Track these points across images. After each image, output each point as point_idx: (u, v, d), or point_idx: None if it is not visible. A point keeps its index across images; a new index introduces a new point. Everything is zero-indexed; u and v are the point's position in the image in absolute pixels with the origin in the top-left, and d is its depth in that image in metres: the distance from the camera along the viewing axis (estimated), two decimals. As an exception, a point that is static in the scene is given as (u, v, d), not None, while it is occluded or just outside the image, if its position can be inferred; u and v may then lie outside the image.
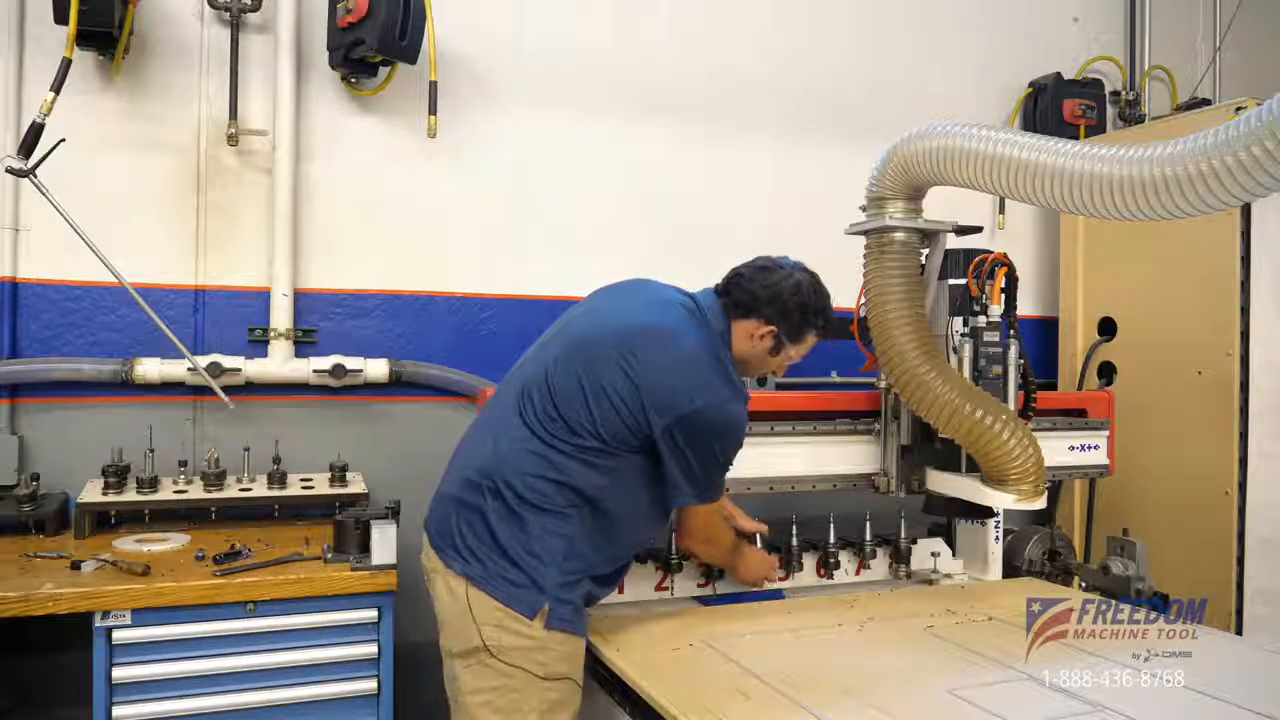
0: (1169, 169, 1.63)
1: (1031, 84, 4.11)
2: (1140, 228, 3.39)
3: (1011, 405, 2.44)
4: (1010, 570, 2.87)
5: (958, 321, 2.53)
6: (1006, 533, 2.89)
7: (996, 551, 2.85)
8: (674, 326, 2.07)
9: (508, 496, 2.00)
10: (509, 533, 1.98)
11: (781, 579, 2.64)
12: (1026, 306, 3.94)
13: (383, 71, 3.14)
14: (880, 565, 2.79)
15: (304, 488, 2.89)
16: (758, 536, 2.57)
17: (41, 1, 2.76)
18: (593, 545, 2.02)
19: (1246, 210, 3.22)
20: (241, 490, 2.82)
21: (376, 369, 3.12)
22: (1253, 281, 3.24)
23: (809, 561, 2.69)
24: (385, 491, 2.87)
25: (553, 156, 3.41)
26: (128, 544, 2.52)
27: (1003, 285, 2.48)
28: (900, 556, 2.77)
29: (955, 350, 2.48)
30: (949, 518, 2.88)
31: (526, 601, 1.95)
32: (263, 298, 3.07)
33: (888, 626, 2.30)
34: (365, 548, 2.40)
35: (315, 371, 3.05)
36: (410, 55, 2.99)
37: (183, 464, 2.87)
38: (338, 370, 3.05)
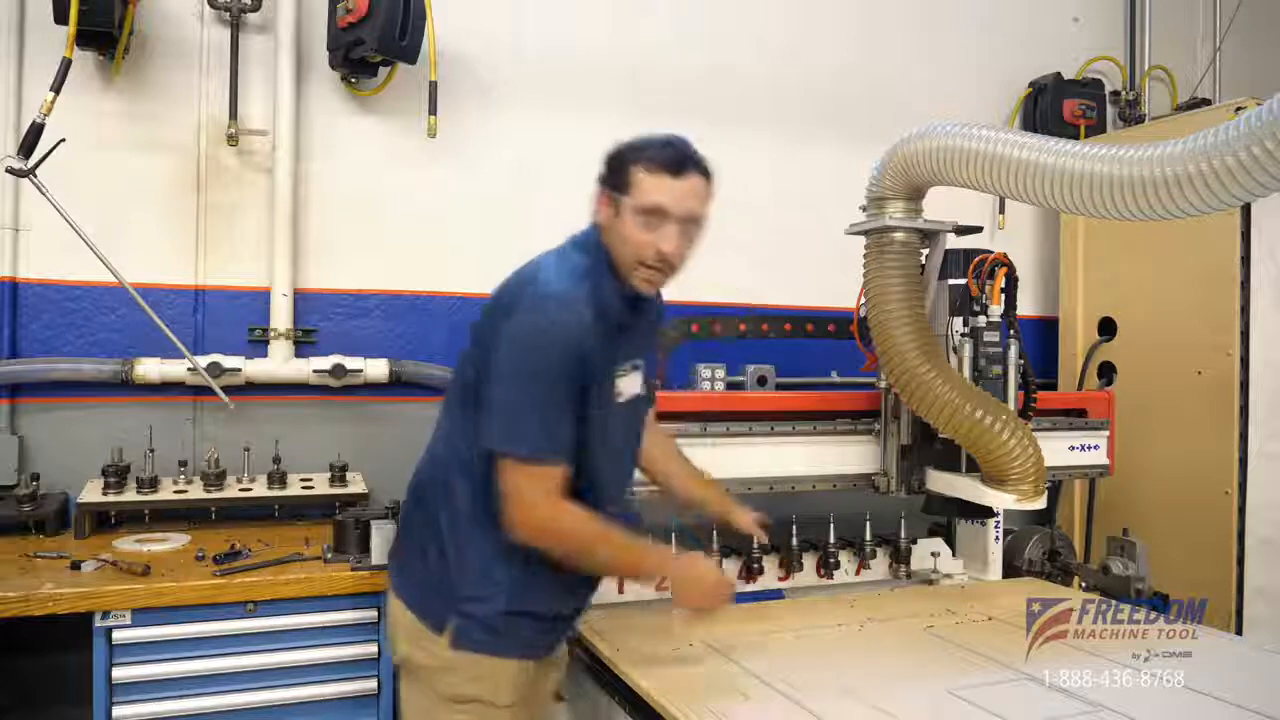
0: (1169, 169, 1.63)
1: (1031, 84, 4.11)
2: (1140, 228, 3.39)
3: (1011, 405, 2.43)
4: (1010, 570, 2.87)
5: (958, 321, 2.53)
6: (1006, 533, 2.89)
7: (996, 551, 2.85)
8: (525, 265, 1.91)
9: (430, 505, 1.90)
10: (425, 541, 1.89)
11: (782, 579, 2.64)
12: (1026, 306, 3.94)
13: (383, 71, 3.14)
14: (880, 565, 2.79)
15: (304, 488, 2.89)
16: (755, 540, 2.36)
17: (41, 1, 2.76)
18: (510, 557, 1.81)
19: (1246, 210, 3.22)
20: (241, 490, 2.82)
21: (376, 369, 3.12)
22: (1253, 281, 3.25)
23: (809, 561, 2.69)
24: (385, 491, 2.86)
25: (553, 156, 3.41)
26: (128, 544, 2.52)
27: (1003, 285, 2.48)
28: (900, 556, 2.77)
29: (955, 350, 2.48)
30: (949, 518, 2.88)
31: (433, 618, 1.84)
32: (263, 298, 3.07)
33: (888, 626, 2.30)
34: (365, 548, 2.40)
35: (315, 371, 3.05)
36: (410, 55, 2.99)
37: (183, 464, 2.87)
38: (338, 370, 3.05)
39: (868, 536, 2.74)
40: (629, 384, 1.91)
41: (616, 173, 1.85)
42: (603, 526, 1.80)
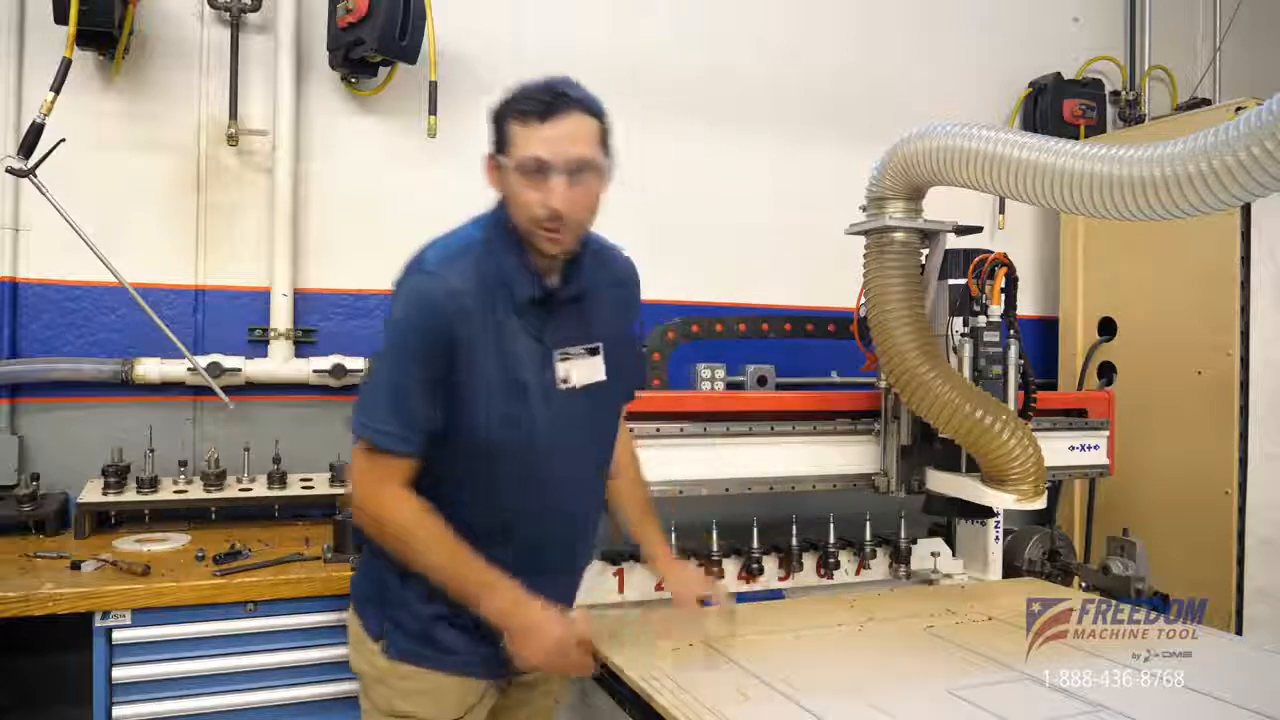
0: (1169, 169, 1.63)
1: (1031, 84, 4.11)
2: (1140, 228, 3.39)
3: (1011, 405, 2.43)
4: (1010, 570, 2.87)
5: (958, 321, 2.53)
6: (1006, 533, 2.89)
7: (996, 551, 2.85)
8: None
9: None
10: (365, 542, 1.82)
11: (782, 579, 2.64)
12: (1026, 306, 3.94)
13: (383, 71, 3.14)
14: (880, 565, 2.78)
15: (304, 488, 2.89)
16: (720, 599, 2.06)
17: (41, 1, 2.76)
18: None
19: (1246, 210, 3.22)
20: (241, 490, 2.82)
21: (376, 369, 3.11)
22: (1253, 281, 3.25)
23: (809, 561, 2.68)
24: (385, 491, 2.86)
25: (553, 156, 3.40)
26: (128, 544, 2.52)
27: (1003, 285, 2.48)
28: (900, 556, 2.76)
29: (955, 350, 2.48)
30: (949, 518, 2.88)
31: (370, 623, 1.78)
32: (263, 298, 3.07)
33: (888, 626, 2.29)
34: (365, 548, 2.40)
35: (315, 371, 3.05)
36: (410, 55, 2.99)
37: (183, 464, 2.87)
38: (338, 370, 3.05)
39: (868, 536, 2.74)
40: (582, 370, 1.74)
41: (494, 130, 1.68)
42: (441, 538, 1.62)
